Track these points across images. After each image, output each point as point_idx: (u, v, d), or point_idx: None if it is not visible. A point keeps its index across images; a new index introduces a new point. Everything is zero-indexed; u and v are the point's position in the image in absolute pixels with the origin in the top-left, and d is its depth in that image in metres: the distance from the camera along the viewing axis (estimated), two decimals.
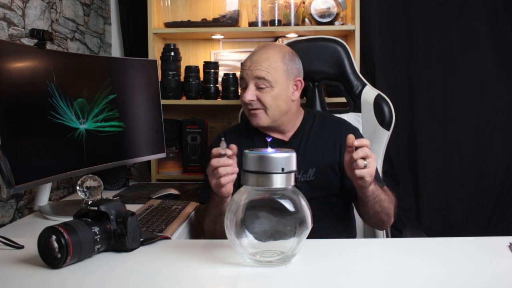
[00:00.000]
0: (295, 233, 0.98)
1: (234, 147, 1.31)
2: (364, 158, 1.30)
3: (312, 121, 1.67)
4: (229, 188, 1.33)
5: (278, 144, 1.59)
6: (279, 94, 1.56)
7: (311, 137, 1.64)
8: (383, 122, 1.87)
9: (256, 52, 1.60)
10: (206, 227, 1.52)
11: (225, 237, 1.42)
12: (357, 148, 1.31)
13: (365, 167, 1.30)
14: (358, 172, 1.31)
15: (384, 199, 1.48)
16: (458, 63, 2.61)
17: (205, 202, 1.57)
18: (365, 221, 1.63)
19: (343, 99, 2.05)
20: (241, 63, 1.62)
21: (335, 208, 1.63)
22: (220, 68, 2.51)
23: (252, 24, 2.44)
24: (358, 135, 1.66)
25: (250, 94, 1.54)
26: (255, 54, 1.59)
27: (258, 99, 1.55)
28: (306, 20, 2.45)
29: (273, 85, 1.55)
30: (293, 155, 1.00)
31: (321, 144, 1.63)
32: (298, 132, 1.65)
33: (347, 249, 1.17)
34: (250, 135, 1.68)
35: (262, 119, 1.57)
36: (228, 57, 2.66)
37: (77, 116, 1.62)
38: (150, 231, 1.37)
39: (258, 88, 1.55)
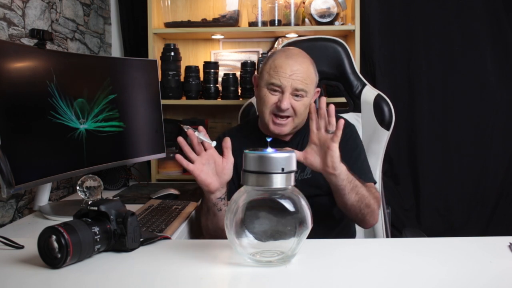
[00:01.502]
0: (295, 233, 0.98)
1: (200, 128, 1.35)
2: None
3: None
4: (203, 179, 1.34)
5: (279, 145, 1.59)
6: (308, 102, 1.58)
7: (307, 136, 1.64)
8: (383, 122, 1.87)
9: (290, 60, 1.55)
10: (201, 222, 1.53)
11: (216, 233, 1.44)
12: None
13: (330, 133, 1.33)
14: (329, 136, 1.33)
15: (360, 186, 1.44)
16: (458, 63, 2.61)
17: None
18: (347, 215, 1.56)
19: (343, 99, 2.05)
20: (275, 67, 1.55)
21: (333, 206, 1.63)
22: (220, 68, 2.51)
23: (252, 24, 2.44)
24: (351, 131, 1.66)
25: (287, 103, 1.53)
26: (292, 62, 1.54)
27: (292, 106, 1.55)
28: (306, 20, 2.45)
29: (307, 94, 1.57)
30: (293, 155, 1.00)
31: None
32: (298, 132, 1.66)
33: (347, 249, 1.17)
34: (250, 135, 1.68)
35: (287, 128, 1.57)
36: (228, 57, 2.66)
37: (77, 116, 1.62)
38: (150, 231, 1.37)
39: (294, 97, 1.55)
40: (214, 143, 1.35)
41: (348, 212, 1.51)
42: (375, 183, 1.66)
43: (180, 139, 1.34)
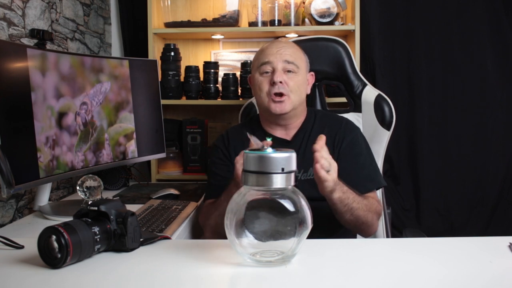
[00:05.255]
0: (295, 233, 0.98)
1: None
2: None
3: (313, 120, 1.68)
4: None
5: (281, 144, 1.60)
6: (302, 81, 1.60)
7: (312, 136, 1.64)
8: (384, 122, 1.87)
9: (275, 42, 1.64)
10: (212, 222, 1.51)
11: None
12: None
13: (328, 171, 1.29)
14: (323, 174, 1.29)
15: (357, 208, 1.43)
16: (458, 63, 2.61)
17: (212, 197, 1.58)
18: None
19: (343, 99, 2.05)
20: (262, 51, 1.62)
21: None
22: (220, 68, 2.51)
23: (252, 24, 2.44)
24: (356, 135, 1.66)
25: (280, 75, 1.55)
26: (277, 43, 1.63)
27: (285, 83, 1.56)
28: (306, 20, 2.45)
29: (299, 71, 1.59)
30: (293, 155, 1.00)
31: None
32: (300, 131, 1.66)
33: (347, 249, 1.17)
34: (253, 133, 1.67)
35: (287, 106, 1.57)
36: (228, 57, 2.66)
37: None
38: (150, 231, 1.37)
39: (286, 72, 1.57)
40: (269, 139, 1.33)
41: (345, 225, 1.51)
42: (385, 186, 1.67)
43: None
